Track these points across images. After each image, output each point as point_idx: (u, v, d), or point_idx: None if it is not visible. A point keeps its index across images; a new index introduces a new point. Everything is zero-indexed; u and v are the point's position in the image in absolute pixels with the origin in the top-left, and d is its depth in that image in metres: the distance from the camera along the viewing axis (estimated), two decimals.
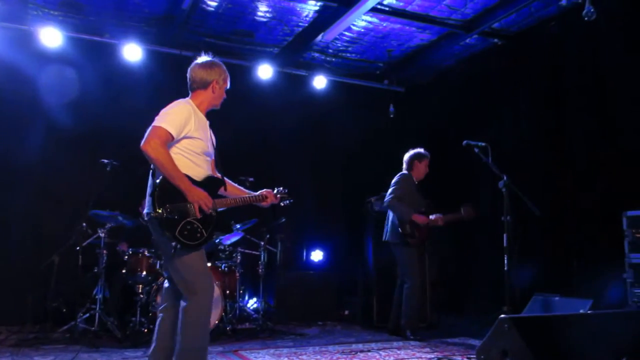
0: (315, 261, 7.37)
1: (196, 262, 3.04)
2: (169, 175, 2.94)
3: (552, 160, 5.91)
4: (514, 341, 2.88)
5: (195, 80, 3.26)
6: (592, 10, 5.07)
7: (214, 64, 3.32)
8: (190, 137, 3.07)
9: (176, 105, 3.13)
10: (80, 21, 6.11)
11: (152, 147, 2.91)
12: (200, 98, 3.27)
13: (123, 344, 4.92)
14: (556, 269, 5.68)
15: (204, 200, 3.00)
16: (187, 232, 2.95)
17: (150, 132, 2.96)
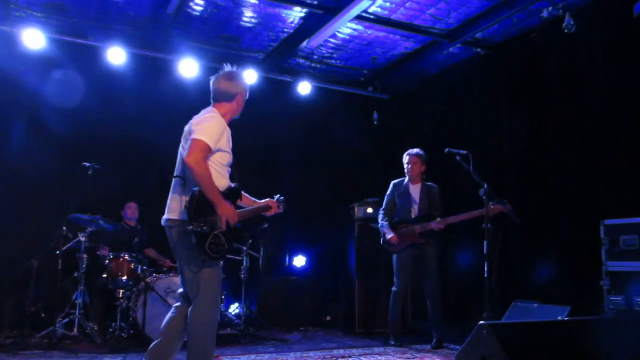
0: (298, 267, 7.37)
1: (213, 273, 3.16)
2: (207, 188, 3.02)
3: (533, 168, 6.00)
4: (493, 347, 2.91)
5: (222, 92, 3.35)
6: (572, 23, 5.21)
7: (240, 76, 3.42)
8: (221, 150, 3.18)
9: (213, 119, 3.20)
10: (64, 23, 6.06)
11: (196, 161, 2.99)
12: (225, 109, 3.35)
13: (103, 349, 4.88)
14: (536, 276, 5.75)
15: (231, 215, 3.11)
16: (214, 245, 3.06)
17: (194, 145, 3.03)
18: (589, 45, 5.44)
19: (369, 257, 6.38)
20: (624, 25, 4.85)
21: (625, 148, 5.01)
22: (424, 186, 5.47)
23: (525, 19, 5.86)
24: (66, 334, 5.08)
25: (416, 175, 5.45)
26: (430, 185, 5.51)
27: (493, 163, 6.39)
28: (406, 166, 5.48)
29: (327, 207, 7.61)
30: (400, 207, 5.48)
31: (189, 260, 3.15)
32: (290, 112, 7.33)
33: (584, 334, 3.31)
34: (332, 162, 7.84)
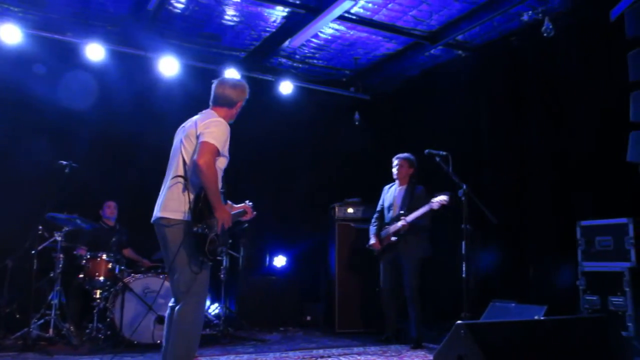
0: (278, 267, 7.35)
1: (206, 277, 3.25)
2: (212, 191, 3.10)
3: (511, 169, 6.07)
4: (470, 347, 2.94)
5: (225, 97, 3.45)
6: (550, 27, 5.29)
7: (244, 86, 3.54)
8: (223, 155, 3.27)
9: (221, 123, 3.28)
10: (42, 18, 5.95)
11: (207, 164, 3.07)
12: (224, 114, 3.43)
13: (79, 351, 4.82)
14: (514, 276, 5.82)
15: (227, 218, 3.21)
16: (212, 247, 3.15)
17: (205, 148, 3.10)
18: (567, 48, 5.52)
19: (349, 257, 6.39)
20: (601, 30, 4.93)
21: (601, 150, 5.10)
22: (408, 187, 5.57)
23: (506, 22, 5.92)
24: (41, 335, 4.99)
25: (402, 177, 5.59)
26: (415, 186, 5.59)
27: (472, 164, 6.44)
28: (394, 168, 5.63)
29: (308, 207, 7.61)
30: (386, 209, 5.66)
31: (190, 260, 3.18)
32: (271, 111, 7.29)
33: (561, 333, 3.36)
34: (312, 162, 7.84)
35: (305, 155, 7.83)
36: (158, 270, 5.55)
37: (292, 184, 7.70)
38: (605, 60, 5.07)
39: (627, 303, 4.38)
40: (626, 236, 4.51)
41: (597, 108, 5.18)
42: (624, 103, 3.80)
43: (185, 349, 3.17)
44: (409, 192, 5.53)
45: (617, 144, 3.98)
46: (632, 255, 4.45)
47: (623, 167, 3.98)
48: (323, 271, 6.84)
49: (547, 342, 3.27)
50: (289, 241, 7.51)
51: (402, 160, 5.59)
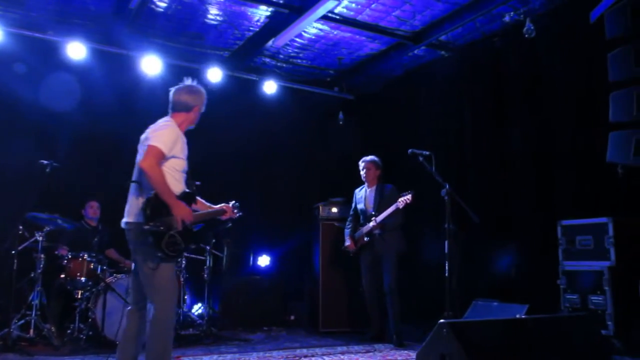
0: (262, 266, 7.34)
1: (168, 272, 3.29)
2: (161, 190, 3.22)
3: (493, 169, 6.13)
4: (452, 345, 2.97)
5: (181, 103, 3.56)
6: (532, 28, 5.35)
7: (200, 90, 3.66)
8: (176, 156, 3.37)
9: (167, 127, 3.40)
10: (22, 16, 5.86)
11: (150, 165, 3.19)
12: (181, 119, 3.55)
13: (60, 351, 4.77)
14: (496, 275, 5.88)
15: (186, 215, 3.31)
16: (170, 244, 3.21)
17: (148, 151, 3.24)
18: (548, 49, 5.59)
19: (333, 257, 6.40)
20: (582, 31, 5.00)
21: (581, 150, 5.17)
22: (378, 188, 5.72)
23: (488, 22, 5.98)
24: (22, 335, 4.92)
25: (371, 179, 5.74)
26: (384, 186, 5.72)
27: (455, 164, 6.49)
28: (361, 172, 5.76)
29: (292, 207, 7.61)
30: (359, 210, 5.79)
31: (145, 258, 3.27)
32: (255, 111, 7.29)
33: (541, 331, 3.40)
34: (297, 162, 7.83)
35: (289, 155, 7.82)
36: None
37: (276, 183, 7.69)
38: (585, 61, 5.14)
39: (607, 302, 4.44)
40: (606, 235, 4.58)
41: (578, 108, 5.26)
42: (604, 103, 3.86)
43: (161, 349, 3.23)
44: (379, 192, 5.68)
45: (598, 144, 4.04)
46: (612, 255, 4.51)
47: (603, 167, 4.04)
48: (307, 271, 6.83)
49: (528, 340, 3.32)
50: (273, 241, 7.49)
51: (369, 163, 5.75)
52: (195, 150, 6.71)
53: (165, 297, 3.26)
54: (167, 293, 3.27)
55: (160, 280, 3.25)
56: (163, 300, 3.25)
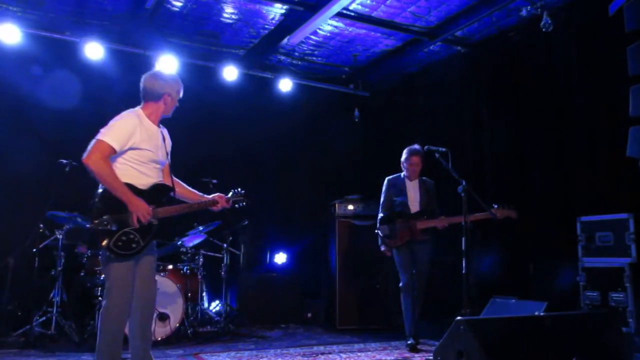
0: (279, 264, 7.37)
1: (118, 272, 3.16)
2: (110, 186, 3.09)
3: (511, 165, 6.06)
4: (469, 342, 2.95)
5: (148, 91, 3.40)
6: (549, 22, 5.28)
7: (167, 76, 3.48)
8: (136, 147, 3.21)
9: (121, 118, 3.26)
10: (40, 17, 5.95)
11: (93, 161, 3.05)
12: (151, 109, 3.40)
13: (81, 348, 4.83)
14: (514, 272, 5.82)
15: (142, 211, 3.14)
16: (121, 242, 3.11)
17: (92, 146, 3.10)
18: (566, 43, 5.51)
19: (350, 254, 6.40)
20: (600, 24, 4.92)
21: (601, 145, 5.09)
22: (421, 181, 5.39)
23: (504, 17, 5.91)
24: (43, 332, 5.01)
25: (417, 173, 5.36)
26: (427, 181, 5.43)
27: (472, 160, 6.44)
28: (409, 166, 5.32)
29: (308, 204, 7.62)
30: (399, 203, 5.32)
31: (101, 256, 3.25)
32: (271, 108, 7.31)
33: (560, 328, 3.37)
34: (313, 159, 7.84)
35: (305, 152, 7.83)
36: (159, 267, 5.57)
37: (292, 181, 7.70)
38: (604, 55, 5.06)
39: (628, 299, 4.37)
40: (627, 231, 4.51)
41: (597, 102, 5.18)
42: (623, 97, 3.79)
43: (104, 345, 3.16)
44: (424, 187, 5.35)
45: (618, 139, 3.98)
46: (633, 251, 4.44)
47: (623, 162, 3.97)
48: (323, 268, 6.85)
49: (547, 338, 3.28)
50: (289, 238, 7.52)
51: (421, 157, 5.28)
52: (211, 148, 6.86)
53: (112, 295, 3.15)
54: (113, 291, 3.15)
55: (111, 278, 3.15)
56: (112, 297, 3.15)
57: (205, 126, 6.85)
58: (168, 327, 5.18)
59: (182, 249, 5.84)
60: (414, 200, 5.30)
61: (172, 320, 5.20)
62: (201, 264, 5.83)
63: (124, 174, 3.19)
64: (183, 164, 6.64)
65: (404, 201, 5.30)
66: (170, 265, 5.65)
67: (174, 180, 3.56)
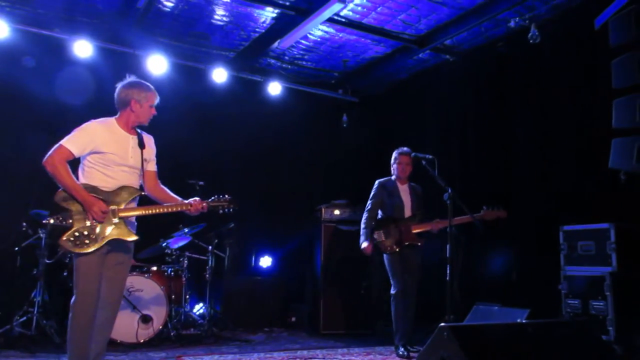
0: (264, 267, 7.35)
1: (81, 267, 3.28)
2: (65, 187, 3.27)
3: (496, 174, 6.13)
4: (452, 349, 2.97)
5: (117, 100, 3.57)
6: (537, 33, 5.37)
7: (134, 84, 3.57)
8: (98, 152, 3.35)
9: (84, 125, 3.40)
10: (29, 13, 5.91)
11: (49, 163, 3.26)
12: (124, 116, 3.53)
13: (61, 349, 4.75)
14: (497, 279, 5.88)
15: (95, 210, 3.25)
16: (74, 238, 3.23)
17: (52, 150, 3.29)
18: (552, 55, 5.60)
19: (335, 259, 6.41)
20: (586, 37, 5.01)
21: (585, 156, 5.17)
22: (411, 186, 5.35)
23: (493, 27, 5.99)
24: (23, 332, 4.94)
25: (407, 175, 5.31)
26: (416, 186, 5.40)
27: (458, 167, 6.50)
28: (397, 165, 5.26)
29: (294, 208, 7.62)
30: (390, 206, 5.23)
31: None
32: (259, 112, 7.30)
33: (542, 336, 3.41)
34: (300, 163, 7.85)
35: (292, 157, 7.83)
36: (143, 269, 5.53)
37: (279, 185, 7.70)
38: (589, 68, 5.15)
39: (608, 307, 4.44)
40: (608, 241, 4.58)
41: (582, 114, 5.26)
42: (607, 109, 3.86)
43: (69, 340, 3.27)
44: (414, 191, 5.31)
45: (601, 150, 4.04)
46: (614, 260, 4.51)
47: (605, 173, 4.04)
48: (309, 272, 6.84)
49: (529, 345, 3.32)
50: (275, 242, 7.51)
51: (411, 158, 5.21)
52: (198, 150, 6.83)
53: (77, 291, 3.27)
54: (78, 287, 3.27)
55: (77, 273, 3.28)
56: (76, 292, 3.27)
57: (193, 127, 6.82)
58: (151, 329, 5.15)
59: (167, 251, 5.81)
60: (407, 204, 5.26)
61: (155, 323, 5.17)
62: (186, 266, 5.81)
63: (90, 176, 3.36)
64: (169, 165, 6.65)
65: (398, 204, 5.23)
66: (154, 267, 5.61)
67: (159, 186, 3.66)
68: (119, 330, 5.00)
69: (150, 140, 3.66)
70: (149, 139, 3.64)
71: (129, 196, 3.43)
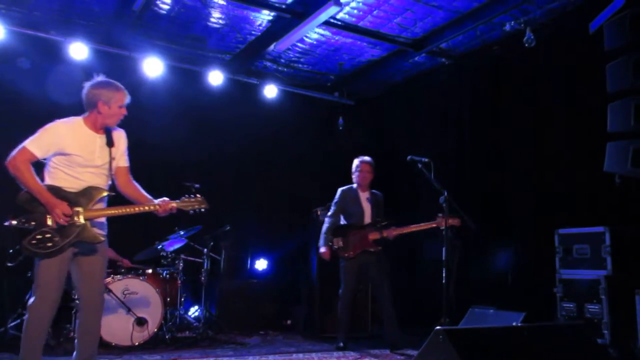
0: (259, 270, 7.34)
1: (40, 270, 3.23)
2: (28, 188, 3.24)
3: (492, 177, 6.14)
4: (448, 352, 2.97)
5: (84, 99, 3.49)
6: (532, 37, 5.39)
7: (102, 84, 3.52)
8: (63, 153, 3.30)
9: (47, 126, 3.35)
10: (24, 15, 5.89)
11: (12, 165, 3.24)
12: (92, 117, 3.46)
13: (55, 351, 4.76)
14: (493, 282, 5.88)
15: (57, 212, 3.20)
16: (36, 241, 3.17)
17: (15, 151, 3.27)
18: (547, 59, 5.62)
19: (331, 262, 6.38)
20: (581, 41, 5.03)
21: (580, 160, 5.19)
22: (372, 194, 5.59)
23: (488, 31, 6.01)
24: (17, 335, 4.89)
25: (368, 183, 5.57)
26: (377, 193, 5.63)
27: (453, 170, 6.52)
28: (358, 173, 5.53)
29: (290, 211, 7.62)
30: (350, 213, 5.51)
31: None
32: (255, 114, 7.30)
33: (537, 339, 3.41)
34: (295, 166, 7.84)
35: (288, 159, 7.83)
36: (139, 271, 5.52)
37: (275, 187, 7.69)
38: (584, 71, 5.17)
39: (603, 311, 4.45)
40: (603, 244, 4.60)
41: (577, 118, 5.28)
42: (602, 113, 3.88)
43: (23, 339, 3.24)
44: (374, 199, 5.56)
45: (596, 154, 4.06)
46: (609, 264, 4.53)
47: (601, 176, 4.05)
48: (304, 275, 6.83)
49: (524, 348, 3.32)
50: (270, 244, 7.50)
51: (371, 166, 5.54)
52: (194, 152, 6.81)
53: (35, 293, 3.22)
54: (36, 289, 3.22)
55: (36, 276, 3.23)
56: (37, 297, 3.22)
57: (189, 130, 6.81)
58: (146, 332, 5.13)
59: (163, 253, 5.79)
60: (367, 211, 5.49)
61: (150, 325, 5.16)
62: (181, 269, 5.79)
63: (55, 177, 3.32)
64: (165, 167, 6.66)
65: (358, 212, 5.47)
66: (149, 270, 5.60)
67: (131, 183, 3.59)
68: (114, 333, 4.99)
69: (120, 136, 3.56)
70: (119, 136, 3.55)
71: (95, 197, 3.37)
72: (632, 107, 3.59)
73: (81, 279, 3.36)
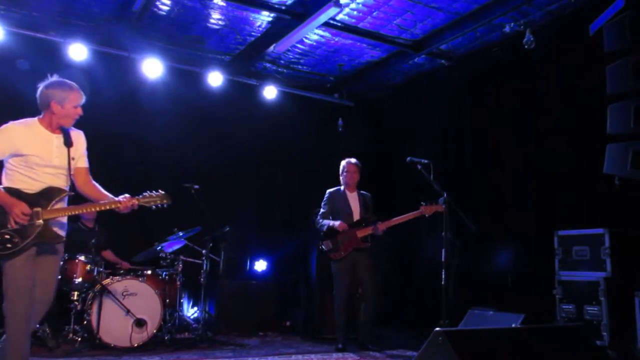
0: (259, 271, 7.33)
1: (7, 271, 3.20)
2: None
3: (491, 179, 6.14)
4: (447, 354, 2.96)
5: (38, 100, 3.45)
6: (531, 39, 5.39)
7: (54, 84, 3.49)
8: (19, 154, 3.26)
9: (2, 127, 3.31)
10: (24, 16, 5.89)
11: None
12: (46, 117, 3.42)
13: (54, 352, 4.75)
14: (492, 284, 5.88)
15: (16, 212, 3.17)
16: None
17: None
18: (547, 60, 5.62)
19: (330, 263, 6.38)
20: (581, 43, 5.03)
21: (579, 161, 5.19)
22: (360, 194, 5.71)
23: (488, 33, 6.01)
24: None
25: (355, 184, 5.69)
26: (365, 194, 5.74)
27: (453, 172, 6.51)
28: (345, 174, 5.68)
29: (289, 212, 7.61)
30: (338, 214, 5.60)
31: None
32: (255, 115, 7.30)
33: (537, 341, 3.41)
34: (295, 167, 7.84)
35: (288, 160, 7.83)
36: (137, 272, 5.52)
37: (274, 188, 7.69)
38: (584, 73, 5.17)
39: (602, 312, 4.45)
40: (602, 246, 4.60)
41: (577, 119, 5.28)
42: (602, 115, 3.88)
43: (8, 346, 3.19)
44: (362, 199, 5.68)
45: (596, 155, 4.06)
46: (608, 265, 4.53)
47: (600, 178, 4.05)
48: (303, 276, 6.83)
49: (523, 350, 3.31)
50: (270, 246, 7.49)
51: (357, 166, 5.68)
52: (193, 153, 6.81)
53: (8, 299, 3.18)
54: (10, 291, 3.18)
55: (5, 278, 3.19)
56: (6, 300, 3.19)
57: (188, 131, 6.81)
58: (145, 333, 5.12)
59: (162, 254, 5.79)
60: (355, 211, 5.60)
61: (149, 326, 5.15)
62: (180, 270, 5.79)
63: (12, 179, 3.27)
64: (165, 167, 6.66)
65: (347, 212, 5.59)
66: (149, 271, 5.60)
67: (90, 183, 3.58)
68: (113, 334, 4.98)
69: (79, 136, 3.55)
70: (77, 136, 3.53)
71: (55, 197, 3.35)
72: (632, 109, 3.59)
73: (38, 280, 3.31)
